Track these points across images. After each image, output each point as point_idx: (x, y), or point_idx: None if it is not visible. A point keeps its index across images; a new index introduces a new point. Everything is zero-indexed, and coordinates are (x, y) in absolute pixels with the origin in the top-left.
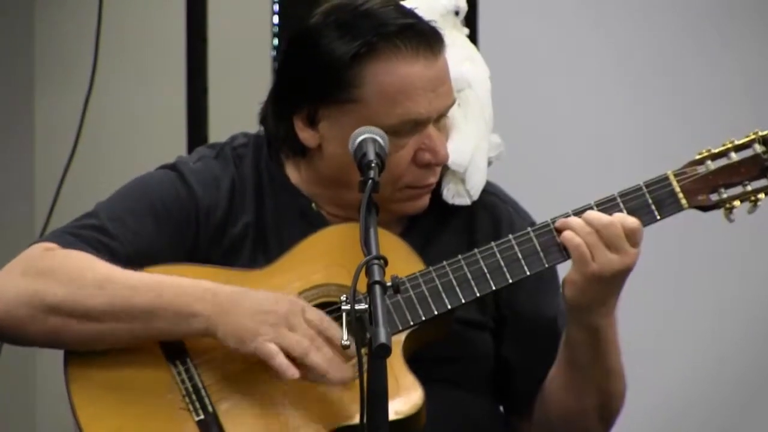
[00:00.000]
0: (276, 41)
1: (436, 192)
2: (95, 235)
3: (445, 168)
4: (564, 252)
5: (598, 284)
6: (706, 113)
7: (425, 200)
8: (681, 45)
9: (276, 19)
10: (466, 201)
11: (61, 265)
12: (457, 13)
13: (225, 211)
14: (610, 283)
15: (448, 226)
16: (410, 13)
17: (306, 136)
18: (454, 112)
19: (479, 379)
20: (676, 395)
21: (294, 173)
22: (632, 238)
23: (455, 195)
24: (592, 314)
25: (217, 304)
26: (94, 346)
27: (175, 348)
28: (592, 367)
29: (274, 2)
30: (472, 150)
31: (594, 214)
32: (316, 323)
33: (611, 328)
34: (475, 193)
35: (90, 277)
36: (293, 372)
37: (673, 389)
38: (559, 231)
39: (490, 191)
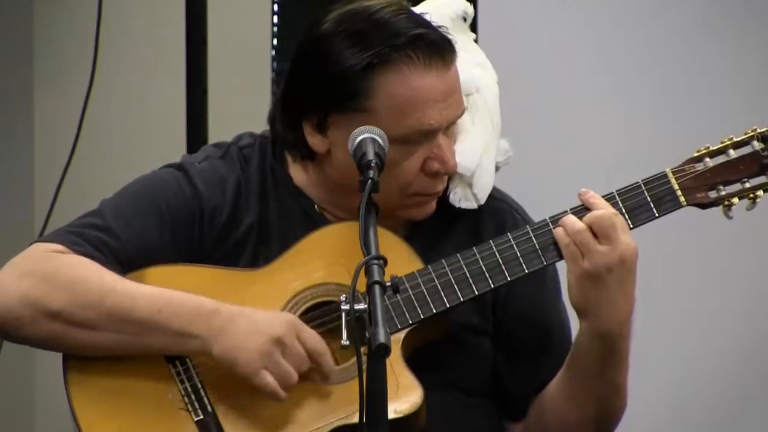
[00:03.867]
0: (276, 41)
1: (443, 195)
2: (99, 235)
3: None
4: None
5: (595, 282)
6: (706, 112)
7: (432, 206)
8: (679, 44)
9: (276, 19)
10: (472, 205)
11: (65, 271)
12: (465, 19)
13: (230, 212)
14: (609, 281)
15: (453, 230)
16: (422, 22)
17: (315, 141)
18: (462, 116)
19: (479, 383)
20: (673, 395)
21: (300, 175)
22: (620, 227)
23: (462, 198)
24: (602, 320)
25: (214, 326)
26: (93, 354)
27: None
28: (598, 379)
29: (274, 3)
30: (479, 153)
31: (588, 205)
32: (310, 347)
33: (624, 342)
34: (482, 197)
35: (93, 287)
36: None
37: (670, 389)
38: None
39: (497, 197)
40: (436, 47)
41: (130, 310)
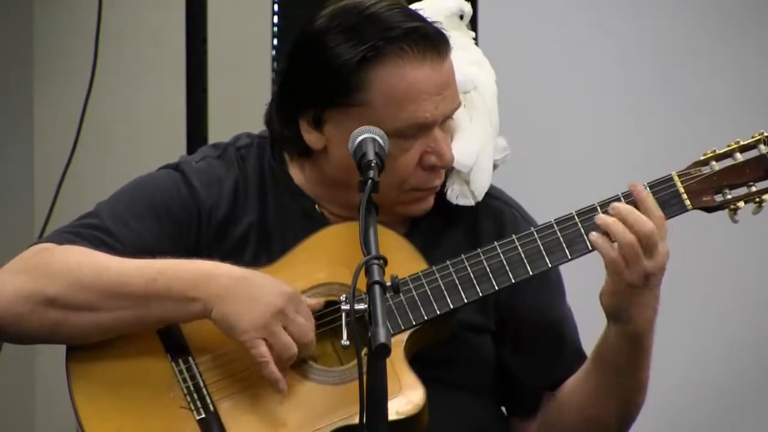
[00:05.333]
0: (276, 41)
1: (441, 193)
2: (96, 234)
3: (450, 168)
4: (568, 252)
5: (636, 290)
6: (708, 113)
7: (430, 202)
8: (681, 44)
9: (276, 19)
10: (469, 202)
11: (57, 259)
12: (462, 17)
13: (227, 211)
14: (646, 285)
15: (452, 229)
16: (416, 16)
17: (311, 138)
18: (459, 114)
19: (482, 382)
20: (675, 395)
21: (298, 174)
22: (664, 235)
23: (459, 195)
24: (635, 320)
25: (214, 289)
26: (95, 338)
27: (178, 346)
28: (626, 376)
29: (274, 2)
30: (476, 151)
31: (636, 218)
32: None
33: (651, 338)
34: (479, 194)
35: (87, 267)
36: (282, 386)
37: (671, 389)
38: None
39: (495, 196)
40: (430, 40)
41: (126, 284)
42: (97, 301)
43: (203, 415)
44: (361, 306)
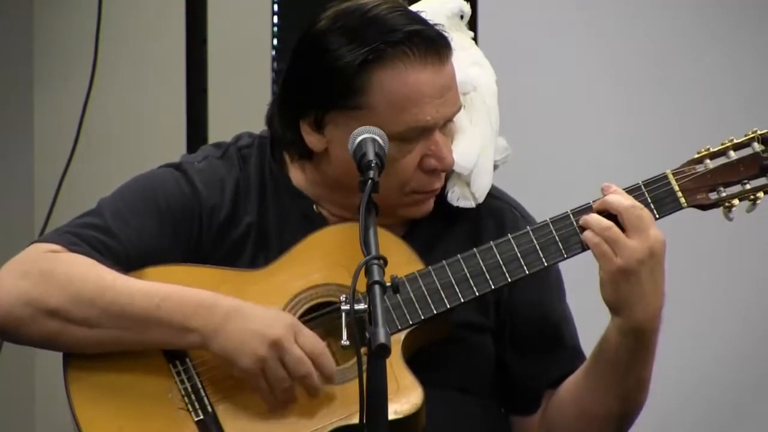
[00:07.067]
0: (276, 41)
1: (441, 195)
2: (97, 235)
3: (450, 171)
4: (563, 251)
5: (628, 277)
6: (705, 113)
7: (430, 204)
8: (679, 44)
9: (276, 19)
10: (470, 204)
11: (63, 269)
12: (462, 17)
13: (228, 212)
14: (641, 274)
15: (452, 230)
16: (418, 19)
17: (312, 140)
18: (459, 116)
19: (481, 381)
20: (672, 396)
21: (298, 175)
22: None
23: (460, 197)
24: (636, 314)
25: (213, 321)
26: (93, 351)
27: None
28: (626, 372)
29: (274, 2)
30: (477, 153)
31: (613, 198)
32: (309, 349)
33: (654, 336)
34: (480, 196)
35: (90, 284)
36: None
37: (668, 390)
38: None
39: (495, 196)
40: (432, 43)
41: (128, 306)
42: (97, 318)
43: (201, 417)
44: (361, 306)
